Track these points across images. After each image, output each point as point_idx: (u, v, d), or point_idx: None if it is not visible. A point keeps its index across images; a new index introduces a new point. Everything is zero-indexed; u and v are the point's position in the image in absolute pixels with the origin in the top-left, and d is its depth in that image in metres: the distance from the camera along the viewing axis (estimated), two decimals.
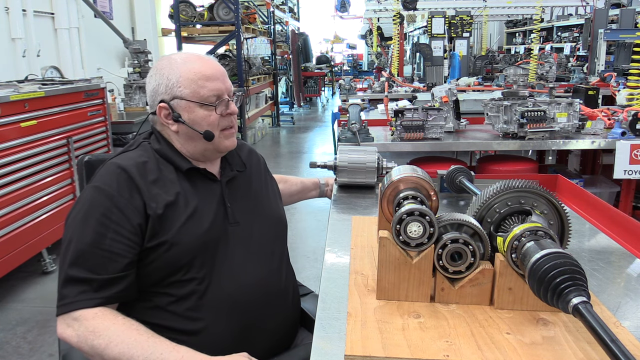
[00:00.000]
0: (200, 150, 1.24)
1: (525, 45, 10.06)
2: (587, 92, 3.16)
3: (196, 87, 1.19)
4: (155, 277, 1.13)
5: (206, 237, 1.16)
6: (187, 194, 1.18)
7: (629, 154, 2.60)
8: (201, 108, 1.20)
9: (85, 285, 1.04)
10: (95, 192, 1.12)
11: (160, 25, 7.32)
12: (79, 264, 1.05)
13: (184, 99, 1.19)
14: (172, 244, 1.11)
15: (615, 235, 1.38)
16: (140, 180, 1.14)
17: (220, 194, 1.24)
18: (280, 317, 1.26)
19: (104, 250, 1.06)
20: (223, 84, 1.22)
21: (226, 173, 1.30)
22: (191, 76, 1.19)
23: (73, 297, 1.03)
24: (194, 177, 1.22)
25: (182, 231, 1.13)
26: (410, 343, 0.81)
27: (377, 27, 8.20)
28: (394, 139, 2.76)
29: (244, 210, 1.27)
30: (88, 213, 1.09)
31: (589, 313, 0.71)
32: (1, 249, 2.81)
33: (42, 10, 4.69)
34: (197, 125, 1.20)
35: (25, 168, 3.01)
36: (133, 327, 1.03)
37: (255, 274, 1.21)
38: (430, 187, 1.03)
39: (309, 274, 3.23)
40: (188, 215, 1.15)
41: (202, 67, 1.21)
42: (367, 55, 18.63)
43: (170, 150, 1.23)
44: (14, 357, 2.43)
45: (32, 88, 3.21)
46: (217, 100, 1.21)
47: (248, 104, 7.14)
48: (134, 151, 1.22)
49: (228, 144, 1.26)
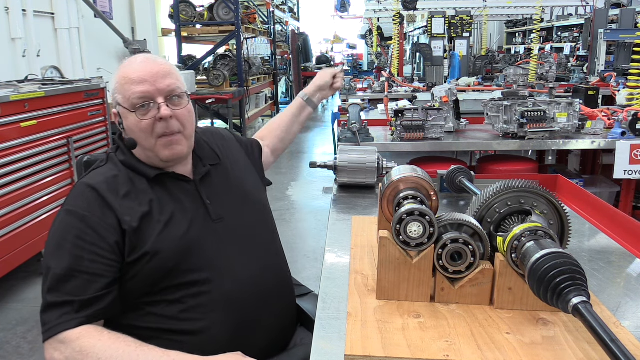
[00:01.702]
0: (146, 158, 1.19)
1: (525, 45, 10.06)
2: (587, 92, 3.16)
3: (124, 92, 1.14)
4: (144, 288, 1.11)
5: (187, 240, 1.13)
6: (161, 201, 1.15)
7: (629, 154, 2.60)
8: (132, 114, 1.14)
9: (65, 307, 1.02)
10: (67, 215, 1.09)
11: (160, 25, 7.32)
12: (57, 289, 1.03)
13: (119, 105, 1.16)
14: (152, 254, 1.09)
15: (615, 235, 1.38)
16: (111, 196, 1.11)
17: (197, 193, 1.21)
18: (278, 310, 1.24)
19: (82, 273, 1.04)
20: (153, 86, 1.14)
21: (198, 170, 1.25)
22: (121, 81, 1.15)
23: (55, 321, 1.01)
24: (166, 182, 1.18)
25: (160, 239, 1.10)
26: (410, 343, 0.81)
27: (377, 27, 8.20)
28: (394, 139, 2.76)
29: (227, 204, 1.23)
30: (62, 238, 1.07)
31: (589, 313, 0.71)
32: (1, 249, 2.81)
33: (42, 10, 4.68)
34: (131, 132, 1.16)
35: (25, 168, 3.01)
36: (120, 339, 1.02)
37: (250, 267, 1.19)
38: (430, 187, 1.03)
39: (309, 274, 3.23)
40: (165, 222, 1.12)
41: (130, 70, 1.15)
42: (367, 55, 18.62)
43: (134, 160, 1.19)
44: (14, 357, 2.43)
45: (32, 88, 3.21)
46: (145, 104, 1.13)
47: (248, 104, 7.14)
48: (104, 167, 1.19)
49: (166, 154, 1.16)
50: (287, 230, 3.95)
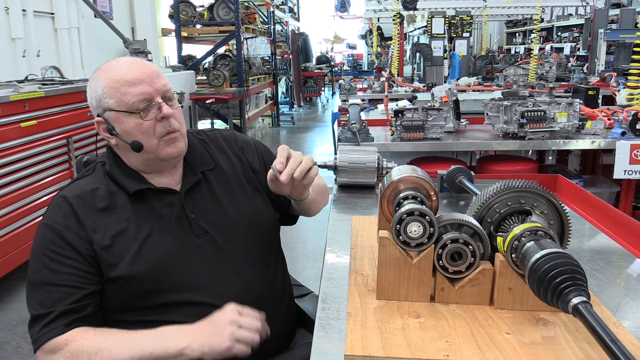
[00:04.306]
0: (142, 162, 1.14)
1: (525, 45, 10.07)
2: (587, 92, 3.16)
3: (120, 95, 1.09)
4: (121, 307, 1.09)
5: (166, 260, 1.09)
6: (139, 218, 1.11)
7: (629, 154, 2.60)
8: (130, 117, 1.09)
9: (46, 317, 1.02)
10: (43, 229, 1.09)
11: (160, 25, 7.32)
12: (38, 303, 1.04)
13: (112, 109, 1.10)
14: (127, 279, 1.06)
15: (615, 235, 1.38)
16: (84, 210, 1.08)
17: (181, 206, 1.15)
18: (274, 320, 1.20)
19: (59, 286, 1.03)
20: (151, 86, 1.10)
21: (187, 180, 1.18)
22: (113, 84, 1.09)
23: (39, 333, 1.02)
24: (148, 197, 1.13)
25: (136, 260, 1.07)
26: (410, 343, 0.81)
27: (377, 27, 8.21)
28: (394, 139, 2.76)
29: (212, 216, 1.17)
30: (39, 252, 1.07)
31: (589, 313, 0.71)
32: (1, 249, 2.81)
33: (42, 10, 4.68)
34: (129, 136, 1.11)
35: (25, 168, 3.01)
36: (105, 332, 1.03)
37: (236, 281, 1.14)
38: (430, 187, 1.03)
39: (309, 274, 3.23)
40: (142, 240, 1.09)
41: (123, 72, 1.10)
42: (367, 55, 18.64)
43: (119, 171, 1.14)
44: (14, 357, 2.44)
45: (32, 88, 3.21)
46: (147, 104, 1.10)
47: (248, 104, 7.14)
48: (87, 177, 1.16)
49: (170, 151, 1.13)
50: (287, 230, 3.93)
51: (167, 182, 1.17)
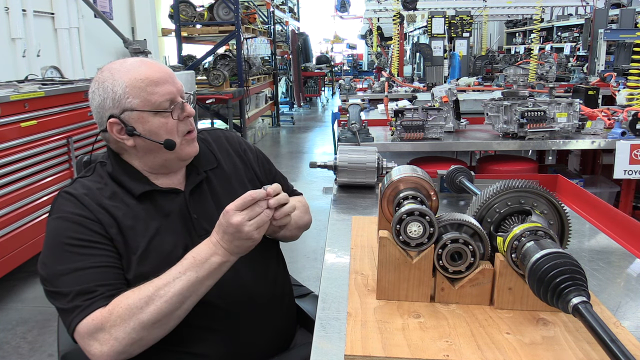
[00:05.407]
0: (161, 162, 1.15)
1: (525, 45, 10.06)
2: (587, 92, 3.16)
3: (146, 95, 1.09)
4: None
5: (171, 259, 1.06)
6: (147, 216, 1.11)
7: (629, 154, 2.60)
8: (156, 116, 1.10)
9: (79, 297, 0.98)
10: (57, 222, 1.06)
11: (160, 25, 7.31)
12: (69, 288, 0.99)
13: (135, 109, 1.09)
14: (135, 277, 1.05)
15: (615, 235, 1.38)
16: (93, 204, 1.07)
17: (185, 206, 1.16)
18: (274, 320, 1.21)
19: (89, 269, 1.01)
20: (174, 86, 1.12)
21: (191, 180, 1.20)
22: (138, 84, 1.09)
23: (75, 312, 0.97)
24: (154, 196, 1.14)
25: (144, 260, 1.06)
26: (410, 343, 0.81)
27: (377, 27, 8.20)
28: (394, 139, 2.76)
29: (213, 216, 1.12)
30: (58, 243, 1.04)
31: (589, 313, 0.71)
32: (1, 249, 2.81)
33: (42, 10, 4.68)
34: (155, 136, 1.11)
35: (25, 168, 3.01)
36: (141, 286, 0.99)
37: (236, 281, 1.13)
38: (430, 187, 1.03)
39: (309, 274, 3.23)
40: (149, 238, 1.09)
41: (148, 71, 1.10)
42: (367, 55, 18.63)
43: (123, 173, 1.14)
44: (14, 357, 2.43)
45: (32, 88, 3.21)
46: (171, 104, 1.11)
47: (248, 104, 7.14)
48: (88, 178, 1.15)
49: (190, 150, 1.16)
50: None
51: (171, 183, 1.18)
